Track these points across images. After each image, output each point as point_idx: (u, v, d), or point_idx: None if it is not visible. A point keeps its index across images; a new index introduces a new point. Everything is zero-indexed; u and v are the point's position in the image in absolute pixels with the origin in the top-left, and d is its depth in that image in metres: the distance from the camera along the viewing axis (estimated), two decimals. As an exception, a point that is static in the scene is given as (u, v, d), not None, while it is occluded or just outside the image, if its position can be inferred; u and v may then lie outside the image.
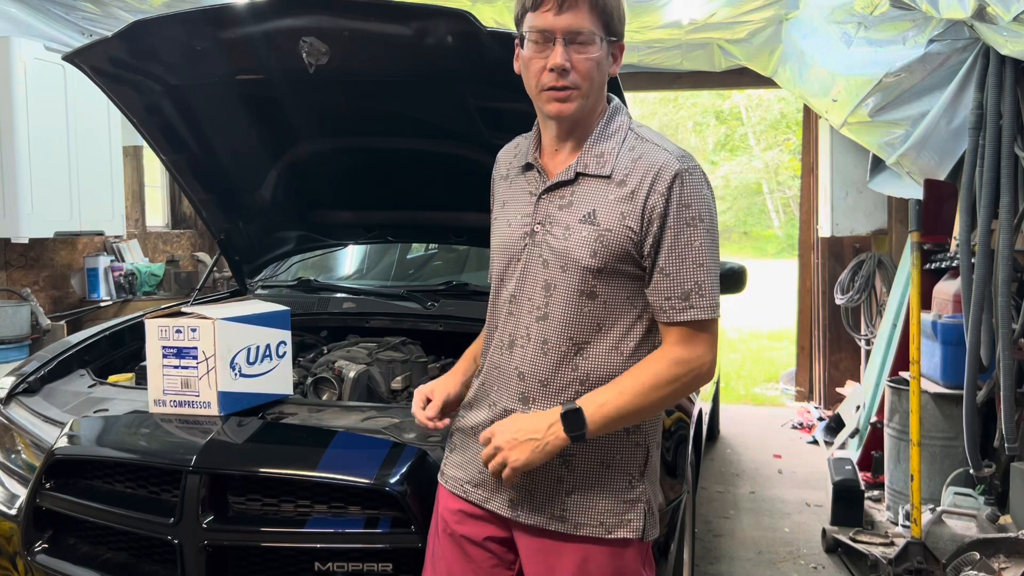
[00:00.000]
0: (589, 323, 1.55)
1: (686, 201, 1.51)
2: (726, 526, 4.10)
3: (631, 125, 1.61)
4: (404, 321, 2.92)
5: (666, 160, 1.53)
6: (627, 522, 1.56)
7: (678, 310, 1.52)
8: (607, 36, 1.55)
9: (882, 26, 3.81)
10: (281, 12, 2.32)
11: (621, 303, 1.55)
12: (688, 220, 1.51)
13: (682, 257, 1.51)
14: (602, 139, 1.58)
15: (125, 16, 4.68)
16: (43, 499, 2.12)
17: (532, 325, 1.58)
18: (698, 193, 1.52)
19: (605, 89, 1.62)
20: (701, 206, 1.52)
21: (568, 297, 1.55)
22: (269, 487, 1.95)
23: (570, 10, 1.50)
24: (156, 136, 2.80)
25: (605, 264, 1.53)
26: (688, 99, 23.04)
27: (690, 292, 1.51)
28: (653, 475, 1.63)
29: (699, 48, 5.67)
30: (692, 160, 1.55)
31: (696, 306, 1.51)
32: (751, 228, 24.95)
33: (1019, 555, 3.07)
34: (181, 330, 2.16)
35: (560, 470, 1.56)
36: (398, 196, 3.08)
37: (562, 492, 1.56)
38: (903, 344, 4.36)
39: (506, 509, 1.60)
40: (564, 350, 1.55)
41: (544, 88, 1.54)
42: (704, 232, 1.52)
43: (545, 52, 1.53)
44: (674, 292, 1.52)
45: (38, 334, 4.65)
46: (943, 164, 4.06)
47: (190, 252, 6.64)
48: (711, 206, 1.55)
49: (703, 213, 1.52)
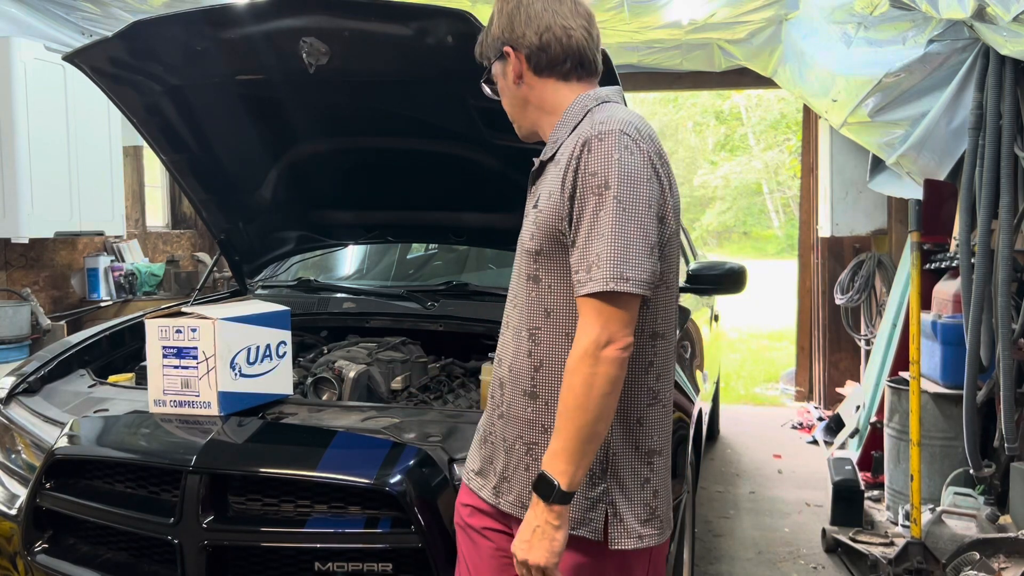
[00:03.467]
0: (538, 308, 1.54)
1: (592, 168, 1.43)
2: (726, 526, 4.10)
3: (593, 107, 1.56)
4: (404, 321, 2.92)
5: (584, 130, 1.48)
6: (588, 520, 1.49)
7: (582, 283, 1.43)
8: (489, 64, 1.65)
9: (882, 26, 3.81)
10: (281, 12, 2.32)
11: (565, 288, 1.51)
12: (593, 188, 1.43)
13: (588, 228, 1.43)
14: (560, 126, 1.59)
15: (125, 16, 4.68)
16: (43, 499, 2.13)
17: (510, 312, 1.62)
18: (605, 158, 1.43)
19: (538, 91, 1.61)
20: (609, 172, 1.42)
21: (520, 281, 1.57)
22: (269, 487, 1.95)
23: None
24: (156, 136, 2.80)
25: (541, 246, 1.52)
26: (688, 99, 23.05)
27: (592, 264, 1.42)
28: (631, 480, 1.52)
29: (699, 48, 5.67)
30: (613, 124, 1.46)
31: (595, 278, 1.41)
32: (751, 228, 24.96)
33: (1019, 555, 3.07)
34: (181, 330, 2.16)
35: (526, 458, 1.55)
36: (398, 196, 3.08)
37: (528, 480, 1.53)
38: (903, 344, 4.36)
39: (491, 496, 1.61)
40: (524, 336, 1.56)
41: None
42: (611, 200, 1.41)
43: None
44: (580, 265, 1.44)
45: (38, 334, 4.65)
46: (943, 164, 4.06)
47: (190, 252, 6.64)
48: (629, 172, 1.43)
49: (610, 179, 1.42)
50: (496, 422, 1.62)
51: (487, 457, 1.63)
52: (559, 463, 1.41)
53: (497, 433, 1.61)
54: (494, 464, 1.61)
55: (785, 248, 21.36)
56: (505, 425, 1.59)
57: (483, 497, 1.63)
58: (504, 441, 1.59)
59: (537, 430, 1.54)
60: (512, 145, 2.56)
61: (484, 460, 1.64)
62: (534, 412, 1.54)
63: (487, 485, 1.63)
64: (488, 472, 1.63)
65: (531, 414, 1.55)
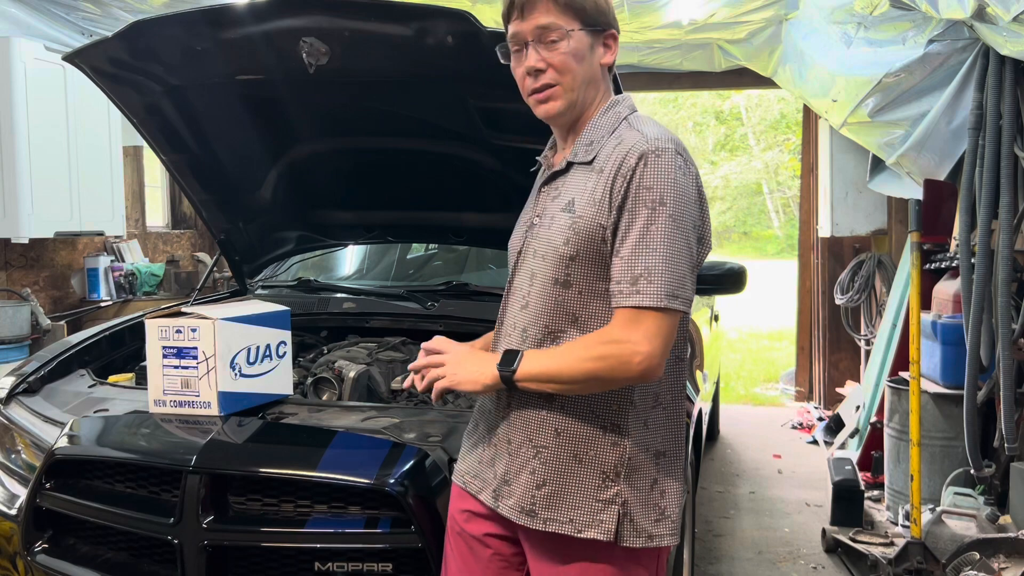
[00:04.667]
0: (564, 313, 1.54)
1: (648, 183, 1.45)
2: (726, 526, 4.10)
3: (628, 116, 1.59)
4: (404, 321, 2.92)
5: (636, 141, 1.49)
6: (598, 523, 1.50)
7: (625, 294, 1.46)
8: (585, 26, 1.54)
9: (882, 26, 3.81)
10: (281, 12, 2.32)
11: (597, 294, 1.52)
12: (647, 202, 1.45)
13: (637, 240, 1.45)
14: (595, 128, 1.59)
15: (125, 16, 4.68)
16: (43, 499, 2.12)
17: (518, 314, 1.60)
18: (663, 175, 1.46)
19: (601, 80, 1.61)
20: (665, 189, 1.45)
21: (544, 285, 1.55)
22: (269, 487, 1.95)
23: (532, 11, 1.53)
24: (156, 136, 2.80)
25: (578, 251, 1.51)
26: (688, 99, 23.05)
27: (639, 277, 1.44)
28: (642, 481, 1.53)
29: (699, 48, 5.68)
30: (668, 143, 1.49)
31: (643, 292, 1.44)
32: (751, 228, 24.96)
33: (1019, 555, 3.07)
34: (181, 330, 2.16)
35: (533, 462, 1.54)
36: (398, 196, 3.08)
37: (533, 485, 1.53)
38: (903, 344, 4.36)
39: (491, 500, 1.60)
40: (540, 339, 1.55)
41: (529, 93, 1.59)
42: (666, 217, 1.44)
43: (521, 58, 1.57)
44: (624, 276, 1.46)
45: (38, 334, 4.65)
46: (943, 164, 4.06)
47: (190, 252, 6.64)
48: (682, 192, 1.47)
49: (666, 196, 1.45)
50: (501, 423, 1.60)
51: (488, 460, 1.62)
52: (531, 366, 1.49)
53: (501, 435, 1.59)
54: (495, 467, 1.60)
55: (785, 248, 21.37)
56: (511, 428, 1.58)
57: (482, 500, 1.62)
58: (509, 443, 1.58)
59: (548, 433, 1.53)
60: (512, 145, 2.58)
61: (485, 463, 1.63)
62: (548, 414, 1.54)
63: (486, 488, 1.61)
64: (487, 475, 1.61)
65: (544, 416, 1.54)
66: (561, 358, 1.48)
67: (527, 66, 1.55)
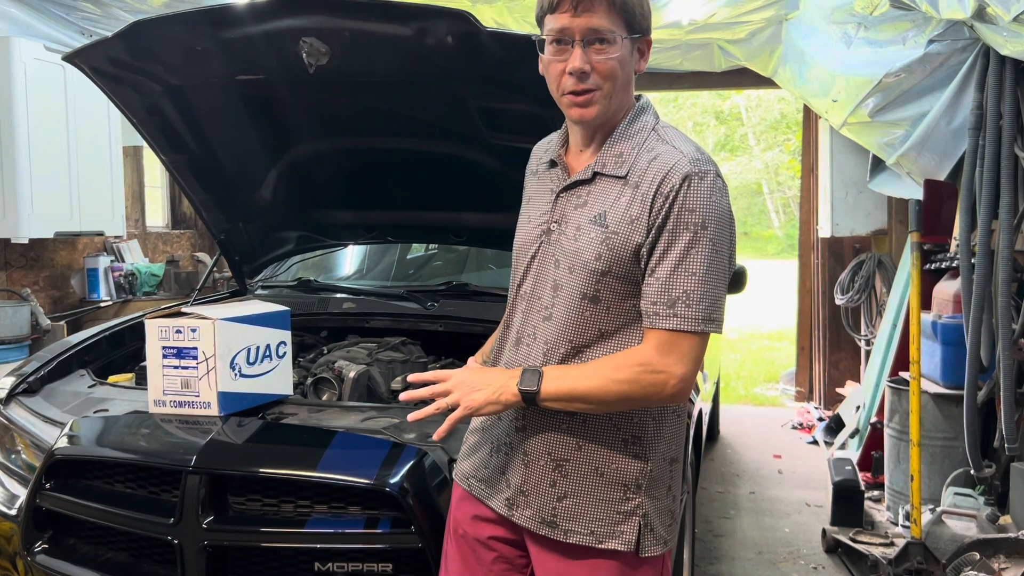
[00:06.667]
0: (590, 328, 1.51)
1: (691, 206, 1.44)
2: (726, 526, 4.10)
3: (655, 125, 1.56)
4: (404, 321, 2.92)
5: (678, 162, 1.47)
6: (619, 534, 1.50)
7: (661, 317, 1.44)
8: (630, 34, 1.50)
9: (882, 26, 3.81)
10: (281, 12, 2.32)
11: (626, 310, 1.50)
12: (688, 225, 1.43)
13: (676, 262, 1.44)
14: (623, 138, 1.55)
15: (125, 16, 4.67)
16: (43, 499, 2.13)
17: (539, 325, 1.56)
18: (707, 199, 1.44)
19: (632, 87, 1.58)
20: (708, 213, 1.44)
21: (571, 299, 1.51)
22: (269, 487, 1.95)
23: (587, 11, 1.46)
24: (156, 136, 2.80)
25: (610, 267, 1.48)
26: (688, 99, 23.04)
27: (677, 300, 1.43)
28: (659, 490, 1.54)
29: (699, 48, 5.67)
30: (708, 164, 1.48)
31: (681, 315, 1.43)
32: (751, 228, 24.96)
33: (1019, 555, 3.07)
34: (181, 330, 2.16)
35: (553, 474, 1.53)
36: (398, 196, 3.08)
37: (554, 497, 1.53)
38: (903, 344, 4.36)
39: (503, 508, 1.59)
40: (563, 352, 1.52)
41: (565, 92, 1.52)
42: (707, 241, 1.43)
43: (564, 55, 1.50)
44: (661, 298, 1.44)
45: (38, 334, 4.65)
46: (943, 164, 4.06)
47: (190, 252, 6.64)
48: (722, 216, 1.46)
49: (708, 221, 1.44)
50: (514, 434, 1.58)
51: (498, 467, 1.60)
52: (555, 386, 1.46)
53: (514, 445, 1.57)
54: (507, 476, 1.58)
55: (785, 248, 21.37)
56: (526, 438, 1.56)
57: (492, 507, 1.61)
58: (524, 455, 1.56)
59: (570, 447, 1.52)
60: (512, 145, 2.57)
61: (494, 469, 1.61)
62: (569, 428, 1.52)
63: (497, 495, 1.60)
64: (499, 482, 1.60)
65: (566, 429, 1.52)
66: (590, 379, 1.46)
67: (572, 66, 1.48)
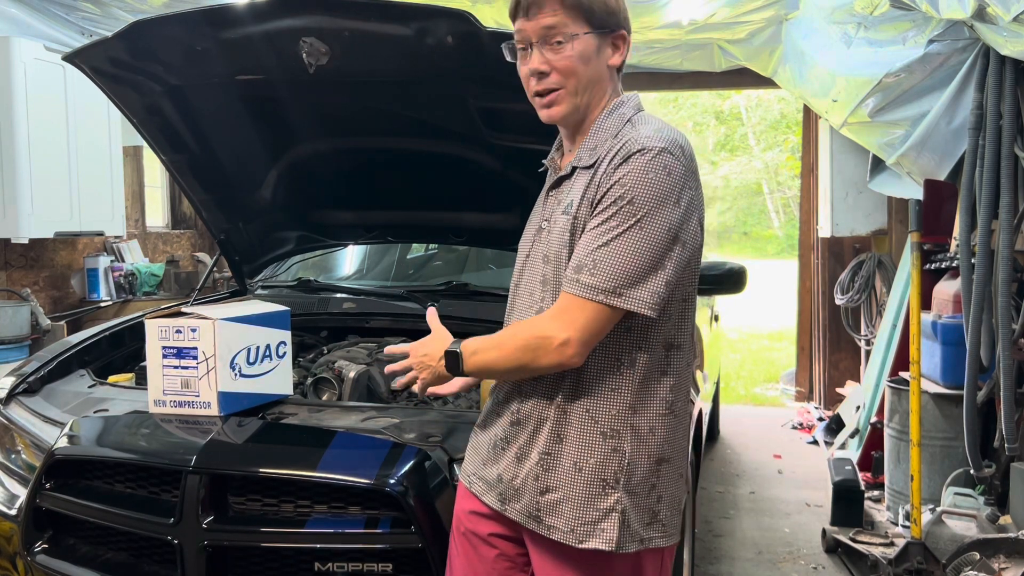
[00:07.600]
0: None
1: (622, 180, 1.44)
2: (726, 526, 4.10)
3: (632, 116, 1.56)
4: (404, 321, 2.92)
5: (631, 140, 1.47)
6: (600, 532, 1.49)
7: (567, 282, 1.47)
8: (593, 28, 1.51)
9: (882, 26, 3.81)
10: (281, 12, 2.32)
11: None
12: (615, 199, 1.44)
13: (596, 234, 1.45)
14: (599, 131, 1.56)
15: (125, 16, 4.67)
16: (43, 499, 2.13)
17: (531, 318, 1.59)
18: (639, 175, 1.43)
19: (608, 81, 1.58)
20: (638, 190, 1.42)
21: (556, 292, 1.52)
22: (269, 487, 1.95)
23: (538, 12, 1.50)
24: (156, 136, 2.80)
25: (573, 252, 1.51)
26: (688, 99, 23.04)
27: (583, 267, 1.44)
28: (641, 488, 1.52)
29: (699, 48, 5.67)
30: (658, 141, 1.45)
31: (581, 282, 1.44)
32: (751, 228, 24.96)
33: (1019, 555, 3.07)
34: (181, 330, 2.16)
35: (536, 468, 1.54)
36: (398, 196, 3.07)
37: (537, 491, 1.53)
38: (903, 344, 4.36)
39: (497, 503, 1.60)
40: None
41: (532, 95, 1.57)
42: (628, 215, 1.42)
43: (526, 59, 1.55)
44: (572, 264, 1.47)
45: (38, 334, 4.65)
46: (943, 164, 4.06)
47: (190, 252, 6.64)
48: (655, 191, 1.43)
49: (637, 197, 1.42)
50: (510, 428, 1.59)
51: (492, 462, 1.62)
52: (473, 363, 1.56)
53: (510, 440, 1.59)
54: (500, 470, 1.59)
55: (785, 248, 21.36)
56: (520, 433, 1.57)
57: (487, 502, 1.62)
58: (516, 448, 1.57)
59: (552, 439, 1.53)
60: (512, 145, 2.58)
61: (488, 465, 1.62)
62: (555, 420, 1.53)
63: (491, 490, 1.61)
64: (492, 477, 1.61)
65: (549, 421, 1.54)
66: (499, 353, 1.54)
67: (530, 68, 1.53)
